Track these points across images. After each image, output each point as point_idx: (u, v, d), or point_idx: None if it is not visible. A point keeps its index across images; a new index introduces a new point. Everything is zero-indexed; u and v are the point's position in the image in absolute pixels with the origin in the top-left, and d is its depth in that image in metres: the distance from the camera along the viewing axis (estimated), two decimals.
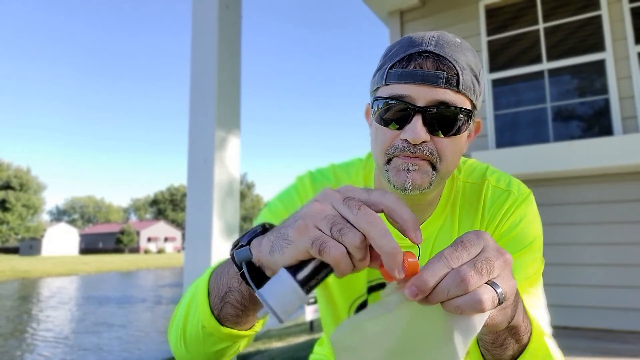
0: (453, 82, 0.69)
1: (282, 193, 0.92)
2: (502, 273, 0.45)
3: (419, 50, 0.70)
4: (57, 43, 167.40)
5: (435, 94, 0.68)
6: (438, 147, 0.71)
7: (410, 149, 0.70)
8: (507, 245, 0.79)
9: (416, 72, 0.69)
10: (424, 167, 0.71)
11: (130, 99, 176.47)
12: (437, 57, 0.69)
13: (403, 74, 0.70)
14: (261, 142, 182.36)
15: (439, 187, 0.80)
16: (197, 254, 2.37)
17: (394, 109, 0.71)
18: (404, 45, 0.72)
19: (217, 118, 2.41)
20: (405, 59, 0.71)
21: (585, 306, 3.34)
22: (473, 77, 0.72)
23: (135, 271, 29.54)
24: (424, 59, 0.69)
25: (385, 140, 0.73)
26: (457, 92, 0.70)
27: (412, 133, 0.69)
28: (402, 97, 0.70)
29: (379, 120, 0.74)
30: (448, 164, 0.73)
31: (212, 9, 2.47)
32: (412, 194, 0.72)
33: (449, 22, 4.06)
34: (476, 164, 0.89)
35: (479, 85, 0.73)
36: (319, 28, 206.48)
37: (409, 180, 0.71)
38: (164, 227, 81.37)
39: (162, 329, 9.73)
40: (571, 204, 3.48)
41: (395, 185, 0.72)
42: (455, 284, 0.41)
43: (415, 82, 0.69)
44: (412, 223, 0.45)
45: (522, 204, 0.81)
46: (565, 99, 3.72)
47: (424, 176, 0.71)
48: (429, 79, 0.68)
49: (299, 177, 0.93)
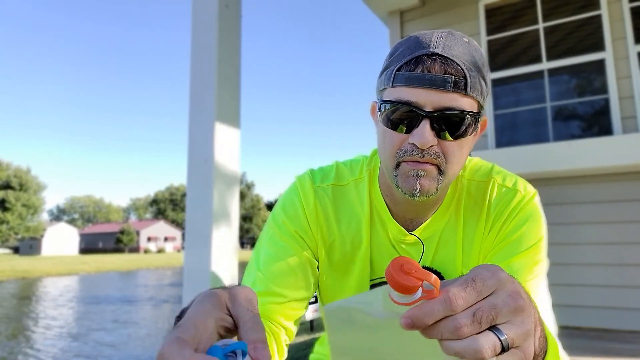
0: (461, 85, 0.68)
1: (284, 201, 0.90)
2: (513, 319, 0.42)
3: (427, 53, 0.69)
4: (57, 43, 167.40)
5: (443, 99, 0.68)
6: (445, 150, 0.71)
7: (418, 153, 0.70)
8: (512, 245, 0.79)
9: (424, 76, 0.68)
10: (431, 172, 0.72)
11: (130, 99, 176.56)
12: (445, 60, 0.68)
13: (410, 78, 0.69)
14: (261, 141, 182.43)
15: (446, 189, 0.80)
16: (197, 254, 2.37)
17: (401, 113, 0.71)
18: (411, 46, 0.72)
19: (217, 118, 2.41)
20: (413, 61, 0.70)
21: (585, 306, 3.34)
22: (480, 78, 0.72)
23: (136, 271, 29.52)
24: (432, 62, 0.69)
25: (393, 144, 0.73)
26: (465, 96, 0.69)
27: (420, 138, 0.69)
28: (410, 102, 0.69)
29: (387, 123, 0.74)
30: (454, 166, 0.73)
31: (212, 8, 2.47)
32: (420, 199, 0.73)
33: (449, 21, 4.06)
34: (481, 163, 0.90)
35: (485, 85, 0.73)
36: (320, 27, 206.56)
37: (417, 187, 0.71)
38: (163, 227, 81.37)
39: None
40: (571, 203, 3.48)
41: (404, 191, 0.73)
42: (449, 331, 0.40)
43: (423, 86, 0.69)
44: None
45: (528, 204, 0.81)
46: (565, 99, 3.72)
47: (432, 182, 0.72)
48: (437, 83, 0.68)
49: (298, 178, 0.92)
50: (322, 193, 0.88)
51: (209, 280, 2.30)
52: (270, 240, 0.86)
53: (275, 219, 0.89)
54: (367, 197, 0.87)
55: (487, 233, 0.82)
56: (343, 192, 0.89)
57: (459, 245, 0.84)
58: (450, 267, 0.85)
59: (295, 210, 0.87)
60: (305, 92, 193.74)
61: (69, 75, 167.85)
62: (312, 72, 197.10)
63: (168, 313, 11.48)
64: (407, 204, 0.82)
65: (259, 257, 0.85)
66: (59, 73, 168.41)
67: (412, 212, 0.84)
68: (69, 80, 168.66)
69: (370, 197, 0.87)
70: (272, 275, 0.81)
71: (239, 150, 2.56)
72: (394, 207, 0.85)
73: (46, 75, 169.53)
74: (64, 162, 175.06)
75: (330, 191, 0.88)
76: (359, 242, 0.86)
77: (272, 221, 0.89)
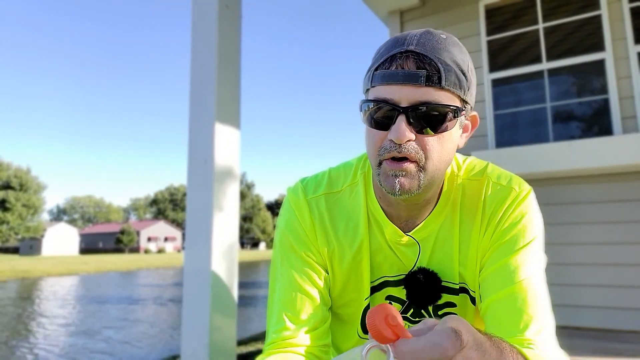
0: (435, 79, 0.69)
1: (285, 220, 0.91)
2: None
3: (401, 51, 0.71)
4: (57, 43, 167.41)
5: (417, 94, 0.69)
6: (424, 145, 0.72)
7: (396, 149, 0.71)
8: (509, 243, 0.79)
9: (397, 73, 0.70)
10: (410, 171, 0.72)
11: (130, 99, 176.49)
12: (417, 56, 0.70)
13: (385, 75, 0.71)
14: (261, 141, 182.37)
15: (433, 186, 0.80)
16: (197, 254, 2.37)
17: (379, 111, 0.73)
18: (388, 47, 0.74)
19: (217, 118, 2.41)
20: (388, 60, 0.72)
21: (585, 306, 3.34)
22: (459, 72, 0.72)
23: (136, 271, 29.52)
24: (405, 59, 0.70)
25: (374, 142, 0.75)
26: (440, 89, 0.70)
27: (396, 133, 0.70)
28: (386, 99, 0.71)
29: (369, 122, 0.75)
30: (435, 162, 0.73)
31: (212, 8, 2.47)
32: (402, 197, 0.74)
33: (449, 22, 4.06)
34: (476, 162, 0.90)
35: (466, 80, 0.73)
36: (320, 27, 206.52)
37: (397, 185, 0.72)
38: (164, 227, 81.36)
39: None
40: (571, 203, 3.48)
41: (386, 189, 0.75)
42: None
43: (397, 83, 0.70)
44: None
45: (523, 201, 0.81)
46: (565, 99, 3.72)
47: (412, 180, 0.73)
48: (410, 78, 0.69)
49: (290, 191, 0.92)
50: (315, 205, 0.88)
51: (209, 280, 2.30)
52: (286, 275, 0.87)
53: (283, 243, 0.90)
54: (363, 200, 0.87)
55: (483, 232, 0.83)
56: (337, 199, 0.89)
57: (455, 245, 0.85)
58: (447, 267, 0.85)
59: (296, 229, 0.88)
60: (305, 91, 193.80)
61: (69, 75, 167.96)
62: (313, 72, 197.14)
63: (176, 312, 11.50)
64: (400, 205, 0.82)
65: (275, 293, 0.88)
66: (59, 73, 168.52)
67: (406, 213, 0.84)
68: (69, 80, 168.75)
69: (366, 201, 0.87)
70: (294, 310, 0.84)
71: (239, 150, 2.57)
72: (389, 208, 0.85)
73: (46, 75, 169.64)
74: (64, 162, 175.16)
75: (324, 201, 0.89)
76: (358, 246, 0.87)
77: (279, 246, 0.90)
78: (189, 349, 2.30)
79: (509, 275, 0.76)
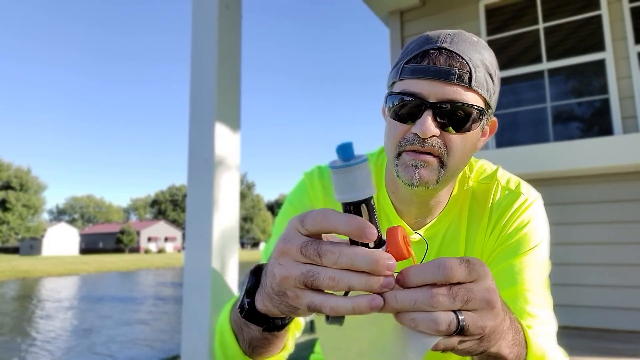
0: (465, 78, 0.70)
1: (293, 196, 0.92)
2: (480, 311, 0.44)
3: (434, 47, 0.71)
4: (57, 43, 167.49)
5: (447, 91, 0.70)
6: (447, 142, 0.72)
7: (419, 142, 0.71)
8: (513, 246, 0.79)
9: (428, 68, 0.70)
10: (432, 164, 0.72)
11: (130, 99, 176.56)
12: (450, 54, 0.70)
13: (416, 69, 0.71)
14: (261, 141, 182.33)
15: (448, 185, 0.80)
16: (197, 254, 2.37)
17: (406, 104, 0.72)
18: (420, 42, 0.74)
19: (218, 118, 2.41)
20: (420, 55, 0.72)
21: (585, 306, 3.34)
22: (487, 76, 0.72)
23: (137, 271, 29.51)
24: (437, 55, 0.70)
25: (397, 133, 0.74)
26: (468, 89, 0.70)
27: (421, 126, 0.69)
28: (414, 93, 0.71)
29: (393, 115, 0.75)
30: (456, 160, 0.73)
31: (212, 9, 2.47)
32: (419, 189, 0.73)
33: (449, 22, 4.06)
34: (487, 166, 0.90)
35: (493, 84, 0.74)
36: (320, 27, 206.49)
37: (416, 176, 0.72)
38: (164, 227, 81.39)
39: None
40: (571, 203, 3.48)
41: (403, 180, 0.73)
42: (425, 296, 0.41)
43: (427, 78, 0.70)
44: (357, 227, 0.41)
45: (530, 207, 0.81)
46: (565, 99, 3.72)
47: (432, 173, 0.72)
48: (441, 74, 0.69)
49: (306, 173, 0.93)
50: (329, 189, 0.89)
51: (209, 280, 2.30)
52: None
53: (285, 215, 0.90)
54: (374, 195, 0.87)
55: (489, 234, 0.83)
56: None
57: (461, 246, 0.85)
58: None
59: (304, 206, 0.89)
60: (305, 91, 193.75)
61: (70, 76, 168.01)
62: (313, 72, 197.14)
63: (176, 312, 11.51)
64: (413, 202, 0.82)
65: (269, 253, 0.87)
66: (60, 73, 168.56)
67: (417, 211, 0.84)
68: (70, 80, 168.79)
69: (377, 196, 0.87)
70: None
71: (239, 150, 2.57)
72: (400, 205, 0.85)
73: (46, 75, 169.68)
74: (64, 162, 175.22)
75: None
76: None
77: (281, 218, 0.91)
78: (189, 349, 2.30)
79: (512, 276, 0.77)
